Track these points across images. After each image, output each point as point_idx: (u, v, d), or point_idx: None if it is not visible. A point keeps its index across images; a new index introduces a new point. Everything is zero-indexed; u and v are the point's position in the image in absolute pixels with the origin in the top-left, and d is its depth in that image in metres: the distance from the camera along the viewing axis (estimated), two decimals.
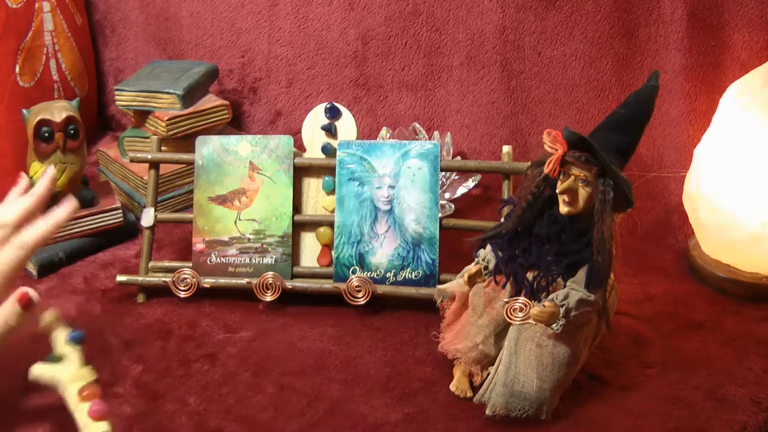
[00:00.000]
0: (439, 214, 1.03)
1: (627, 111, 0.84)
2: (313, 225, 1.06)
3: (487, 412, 0.83)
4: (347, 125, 1.08)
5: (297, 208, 1.07)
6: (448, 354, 0.89)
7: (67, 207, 0.79)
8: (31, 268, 1.10)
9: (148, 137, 1.26)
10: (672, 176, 1.22)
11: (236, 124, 1.46)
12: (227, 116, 1.31)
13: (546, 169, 0.81)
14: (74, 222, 1.13)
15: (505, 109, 1.34)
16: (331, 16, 1.39)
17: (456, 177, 1.25)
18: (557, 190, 0.81)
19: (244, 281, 1.03)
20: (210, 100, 1.30)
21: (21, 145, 1.14)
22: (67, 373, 0.81)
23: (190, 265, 1.05)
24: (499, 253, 0.85)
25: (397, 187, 1.03)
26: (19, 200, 0.80)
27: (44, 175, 0.81)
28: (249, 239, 1.05)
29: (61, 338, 0.85)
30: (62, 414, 0.80)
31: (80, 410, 0.78)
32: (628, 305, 1.03)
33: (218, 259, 1.05)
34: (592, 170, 0.79)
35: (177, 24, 1.47)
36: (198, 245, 1.05)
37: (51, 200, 1.10)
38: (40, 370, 0.82)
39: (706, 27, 1.22)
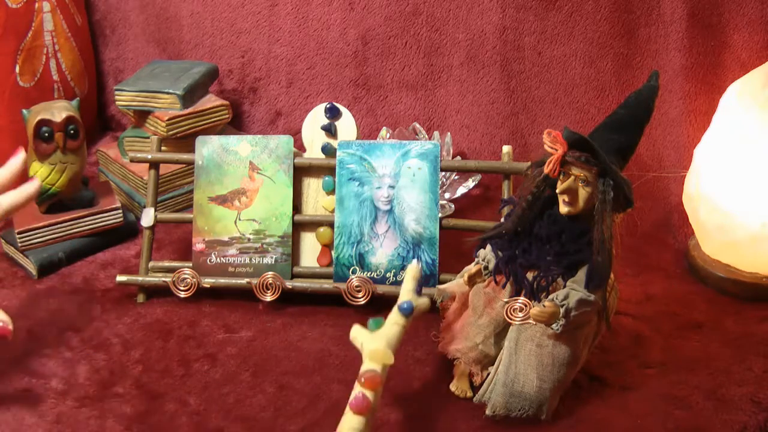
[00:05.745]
0: (439, 214, 1.03)
1: (627, 111, 0.84)
2: (313, 225, 1.06)
3: (487, 412, 0.83)
4: (347, 125, 1.08)
5: (297, 208, 1.07)
6: (448, 354, 0.89)
7: (34, 183, 0.86)
8: (31, 268, 1.10)
9: (148, 137, 1.26)
10: (672, 176, 1.22)
11: (236, 124, 1.46)
12: (227, 116, 1.31)
13: (546, 169, 0.81)
14: (74, 222, 1.13)
15: (505, 109, 1.34)
16: (331, 16, 1.39)
17: (456, 177, 1.25)
18: (557, 190, 0.81)
19: (244, 281, 1.03)
20: (210, 100, 1.30)
21: (21, 145, 1.14)
22: (371, 346, 0.76)
23: (190, 265, 1.05)
24: (499, 253, 0.85)
25: (397, 187, 1.03)
26: None
27: (16, 156, 0.87)
28: (249, 239, 1.05)
29: (403, 299, 0.79)
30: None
31: (356, 389, 0.74)
32: (628, 305, 1.03)
33: (218, 259, 1.05)
34: (592, 170, 0.79)
35: (177, 24, 1.47)
36: (198, 245, 1.05)
37: (52, 200, 1.11)
38: (356, 332, 0.78)
39: (706, 27, 1.22)
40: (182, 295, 1.03)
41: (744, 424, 0.83)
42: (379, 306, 1.02)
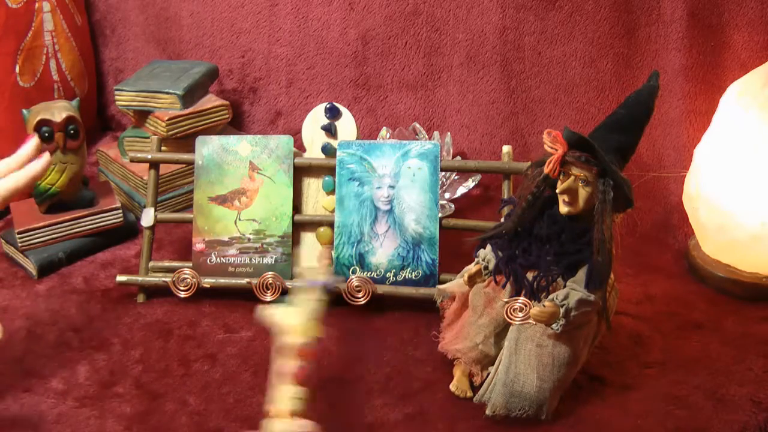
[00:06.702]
0: (439, 214, 1.03)
1: (627, 111, 0.84)
2: (313, 225, 1.06)
3: (487, 412, 0.83)
4: (347, 125, 1.08)
5: (297, 208, 1.07)
6: (448, 354, 0.89)
7: (43, 160, 0.81)
8: (31, 268, 1.10)
9: (148, 137, 1.26)
10: (672, 176, 1.22)
11: (236, 124, 1.46)
12: (227, 116, 1.31)
13: (546, 169, 0.81)
14: (74, 222, 1.13)
15: (505, 109, 1.34)
16: (331, 16, 1.39)
17: (456, 177, 1.25)
18: (557, 190, 0.81)
19: (244, 281, 1.03)
20: (210, 100, 1.30)
21: (21, 144, 1.14)
22: (293, 321, 0.77)
23: (190, 265, 1.05)
24: (499, 253, 0.85)
25: (397, 187, 1.03)
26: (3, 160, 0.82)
27: (27, 144, 0.83)
28: (249, 239, 1.05)
29: (306, 281, 0.81)
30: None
31: (285, 361, 0.74)
32: (628, 305, 1.03)
33: (218, 259, 1.05)
34: (592, 170, 0.79)
35: (177, 24, 1.47)
36: (198, 245, 1.05)
37: (52, 200, 1.11)
38: (265, 311, 0.79)
39: (706, 27, 1.22)
40: (182, 295, 1.03)
41: (744, 424, 0.83)
42: (379, 306, 1.02)
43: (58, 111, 1.08)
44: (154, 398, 0.87)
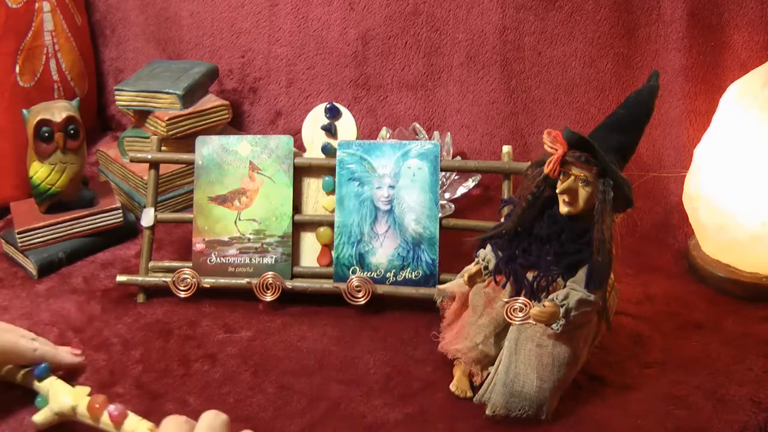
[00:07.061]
0: (439, 214, 1.03)
1: (627, 111, 0.84)
2: (313, 225, 1.06)
3: (487, 412, 0.83)
4: (347, 125, 1.08)
5: (297, 208, 1.07)
6: (448, 354, 0.89)
7: (75, 360, 0.90)
8: (31, 268, 1.10)
9: (148, 137, 1.26)
10: (672, 176, 1.22)
11: (236, 124, 1.46)
12: (227, 116, 1.31)
13: (546, 169, 0.81)
14: (74, 222, 1.13)
15: (505, 109, 1.34)
16: (331, 16, 1.39)
17: (456, 177, 1.25)
18: (557, 190, 0.81)
19: (244, 281, 1.03)
20: (210, 100, 1.30)
21: (21, 145, 1.14)
22: (66, 400, 0.82)
23: (190, 265, 1.05)
24: (499, 253, 0.85)
25: (397, 187, 1.03)
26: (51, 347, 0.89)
27: (75, 352, 0.91)
28: (249, 239, 1.05)
29: (30, 380, 0.85)
30: None
31: (104, 420, 0.79)
32: (628, 305, 1.03)
33: (218, 259, 1.05)
34: (592, 170, 0.79)
35: (177, 24, 1.47)
36: (198, 245, 1.05)
37: (52, 200, 1.11)
38: (41, 417, 0.82)
39: (706, 27, 1.22)
40: (182, 295, 1.03)
41: (744, 424, 0.83)
42: (379, 306, 1.02)
43: (58, 111, 1.08)
44: (154, 398, 0.87)
